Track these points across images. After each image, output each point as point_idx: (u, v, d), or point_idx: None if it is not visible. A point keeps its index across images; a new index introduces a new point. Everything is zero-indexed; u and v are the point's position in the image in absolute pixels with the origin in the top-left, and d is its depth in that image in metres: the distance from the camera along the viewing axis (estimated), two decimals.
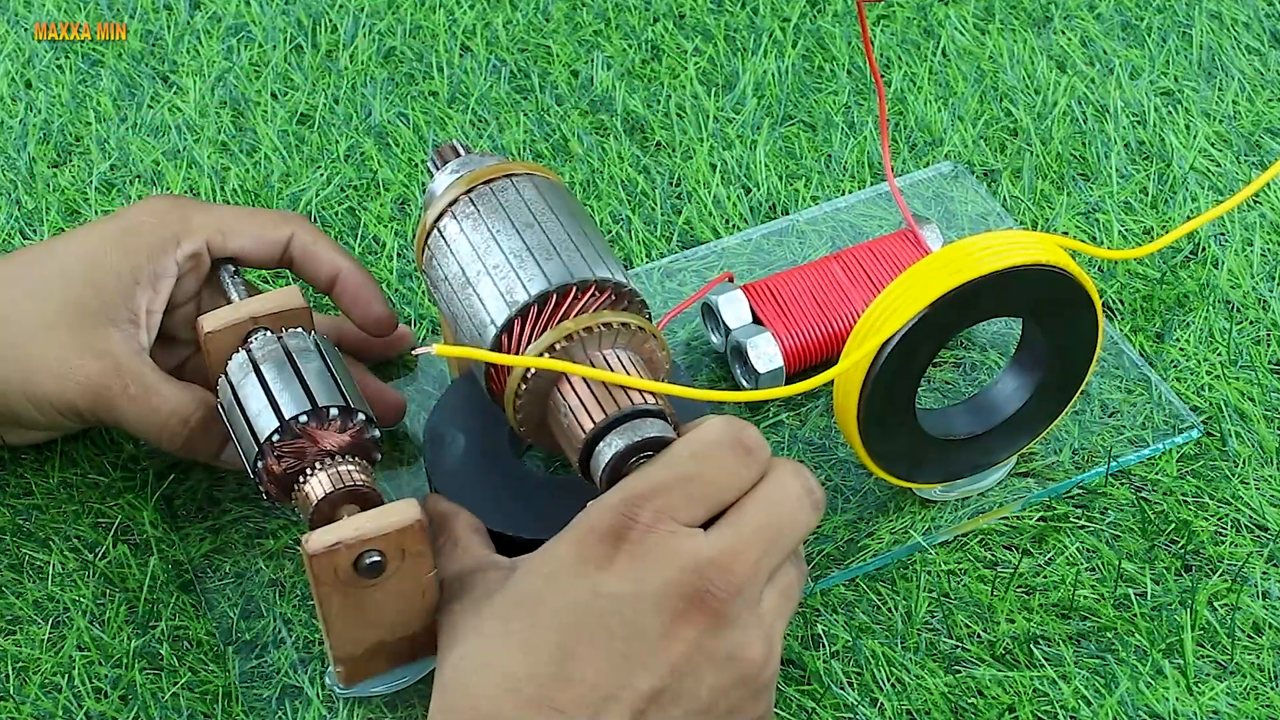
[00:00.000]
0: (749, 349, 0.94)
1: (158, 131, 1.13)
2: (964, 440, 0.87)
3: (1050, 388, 0.88)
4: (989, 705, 0.82)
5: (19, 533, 0.91)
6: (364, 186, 1.09)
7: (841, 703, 0.82)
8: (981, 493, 0.90)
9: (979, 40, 1.16)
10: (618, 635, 0.71)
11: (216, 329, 0.85)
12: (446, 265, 0.83)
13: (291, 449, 0.81)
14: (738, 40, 1.17)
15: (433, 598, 0.79)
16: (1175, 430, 0.92)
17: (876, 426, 0.84)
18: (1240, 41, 1.15)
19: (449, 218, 0.84)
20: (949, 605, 0.86)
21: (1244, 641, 0.84)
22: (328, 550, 0.75)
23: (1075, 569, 0.87)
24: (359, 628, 0.78)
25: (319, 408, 0.81)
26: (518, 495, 0.87)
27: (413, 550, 0.77)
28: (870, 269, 0.97)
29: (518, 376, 0.79)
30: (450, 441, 0.89)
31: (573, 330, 0.79)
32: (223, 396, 0.85)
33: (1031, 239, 0.82)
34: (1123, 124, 1.10)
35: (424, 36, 1.19)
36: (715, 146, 1.10)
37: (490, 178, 0.84)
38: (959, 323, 0.82)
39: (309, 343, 0.85)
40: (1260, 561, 0.87)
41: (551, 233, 0.82)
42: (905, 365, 0.82)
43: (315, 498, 0.79)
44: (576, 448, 0.78)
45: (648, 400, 0.78)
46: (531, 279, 0.80)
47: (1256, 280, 1.00)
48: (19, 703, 0.84)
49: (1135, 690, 0.82)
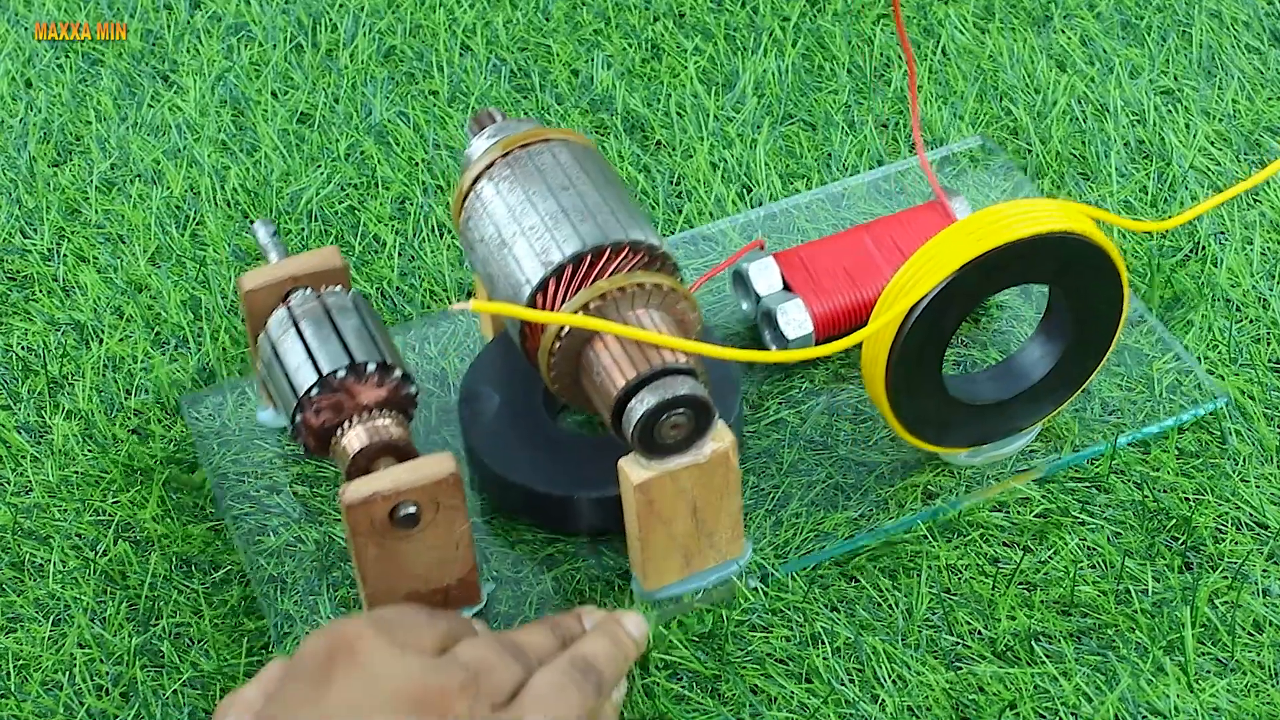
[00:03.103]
0: (779, 314, 0.95)
1: (158, 131, 1.13)
2: (990, 406, 0.89)
3: (1075, 355, 0.89)
4: (990, 702, 0.82)
5: (19, 531, 0.91)
6: (364, 185, 1.09)
7: (843, 699, 0.82)
8: (1004, 460, 0.91)
9: (979, 39, 1.16)
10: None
11: (256, 287, 0.87)
12: (483, 227, 0.85)
13: (329, 403, 0.83)
14: (737, 39, 1.17)
15: (466, 550, 0.81)
16: (1199, 401, 0.93)
17: (904, 390, 0.85)
18: (1240, 40, 1.15)
19: (486, 180, 0.86)
20: (950, 602, 0.86)
21: (1244, 639, 0.84)
22: (365, 501, 0.78)
23: (1076, 566, 0.87)
24: (393, 579, 0.81)
25: (357, 363, 0.83)
26: (551, 454, 0.89)
27: (447, 503, 0.79)
28: (899, 240, 0.98)
29: (552, 334, 0.81)
30: (485, 401, 0.91)
31: (606, 290, 0.80)
32: (262, 352, 0.87)
33: (1058, 207, 0.84)
34: (1122, 123, 1.10)
35: (424, 36, 1.19)
36: (715, 145, 1.10)
37: (526, 142, 0.86)
38: (986, 288, 0.84)
39: (347, 301, 0.87)
40: (1260, 559, 0.87)
41: (586, 196, 0.83)
42: (933, 329, 0.84)
43: (352, 451, 0.82)
44: (609, 404, 0.80)
45: (679, 359, 0.79)
46: (566, 240, 0.81)
47: (1256, 279, 1.00)
48: (20, 700, 0.84)
49: (1136, 687, 0.82)
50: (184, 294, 1.02)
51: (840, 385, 0.95)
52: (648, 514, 0.82)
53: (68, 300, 1.03)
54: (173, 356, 0.99)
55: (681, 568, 0.85)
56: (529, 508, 0.89)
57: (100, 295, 1.03)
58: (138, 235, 1.06)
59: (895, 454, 0.92)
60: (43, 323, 1.01)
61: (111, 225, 1.07)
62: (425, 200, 1.07)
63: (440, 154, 1.10)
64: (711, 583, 0.86)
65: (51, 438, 0.95)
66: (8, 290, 1.04)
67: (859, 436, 0.93)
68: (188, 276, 1.03)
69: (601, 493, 0.87)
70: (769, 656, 0.84)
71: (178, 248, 1.05)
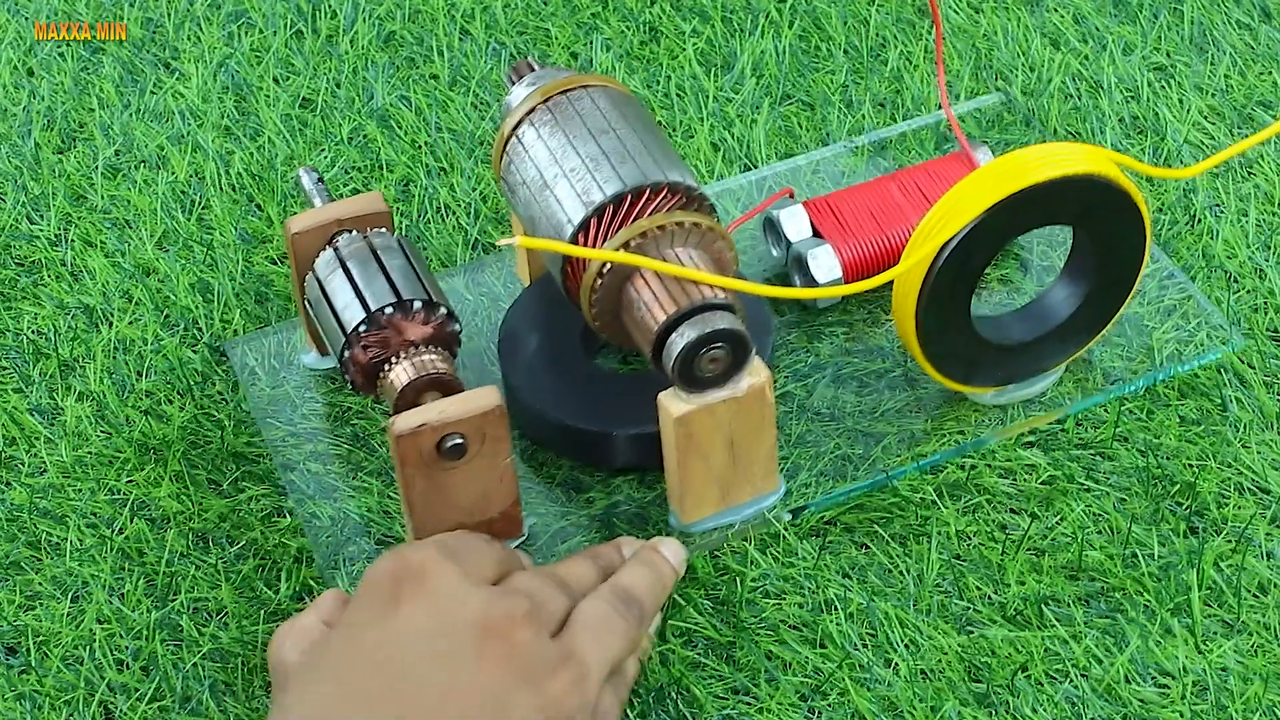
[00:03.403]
0: (809, 259, 0.97)
1: (161, 117, 1.14)
2: (1016, 346, 0.91)
3: (1099, 297, 0.92)
4: (1002, 664, 0.83)
5: (36, 511, 0.91)
6: (368, 169, 1.10)
7: (857, 663, 0.83)
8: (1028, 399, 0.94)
9: (973, 19, 1.18)
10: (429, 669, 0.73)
11: (303, 230, 0.90)
12: (524, 170, 0.87)
13: (377, 339, 0.85)
14: (734, 21, 1.18)
15: (510, 483, 0.84)
16: (1218, 341, 0.96)
17: (934, 328, 0.88)
18: (1230, 16, 1.16)
19: (527, 125, 0.88)
20: (960, 568, 0.87)
21: (1249, 601, 0.85)
22: (413, 431, 0.80)
23: (1083, 531, 0.88)
24: (440, 510, 0.83)
25: (403, 300, 0.85)
26: (588, 391, 0.91)
27: (493, 434, 0.82)
28: (925, 188, 1.00)
29: (594, 272, 0.83)
30: (523, 342, 0.94)
31: (647, 228, 0.83)
32: (310, 292, 0.89)
33: (1083, 151, 0.86)
34: (1116, 99, 1.11)
35: (423, 20, 1.20)
36: (716, 126, 1.11)
37: (566, 88, 0.88)
38: (1013, 229, 0.87)
39: (393, 241, 0.89)
40: (1264, 523, 0.88)
41: (625, 139, 0.86)
42: (962, 269, 0.86)
43: (400, 384, 0.84)
44: (650, 339, 0.82)
45: (718, 295, 0.82)
46: (607, 181, 0.84)
47: (1253, 249, 1.01)
48: (41, 675, 0.85)
49: (1145, 649, 0.83)
50: (192, 277, 1.03)
51: (846, 359, 0.96)
52: (687, 447, 0.84)
53: (76, 284, 1.04)
54: (183, 339, 1.00)
55: (718, 501, 0.88)
56: (567, 444, 0.91)
57: (108, 279, 1.03)
58: (144, 220, 1.07)
59: (902, 425, 0.93)
60: (52, 307, 1.02)
61: (117, 210, 1.08)
62: (429, 182, 1.08)
63: (443, 137, 1.11)
64: (747, 517, 0.89)
65: (64, 419, 0.96)
66: (16, 275, 1.05)
67: (865, 409, 0.94)
68: (195, 260, 1.04)
69: (638, 429, 0.89)
70: (783, 623, 0.85)
71: (184, 232, 1.06)
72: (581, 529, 0.89)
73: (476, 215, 1.06)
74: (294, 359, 0.98)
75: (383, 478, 0.92)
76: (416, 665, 0.72)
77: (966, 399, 0.93)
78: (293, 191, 1.08)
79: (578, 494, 0.91)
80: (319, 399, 0.96)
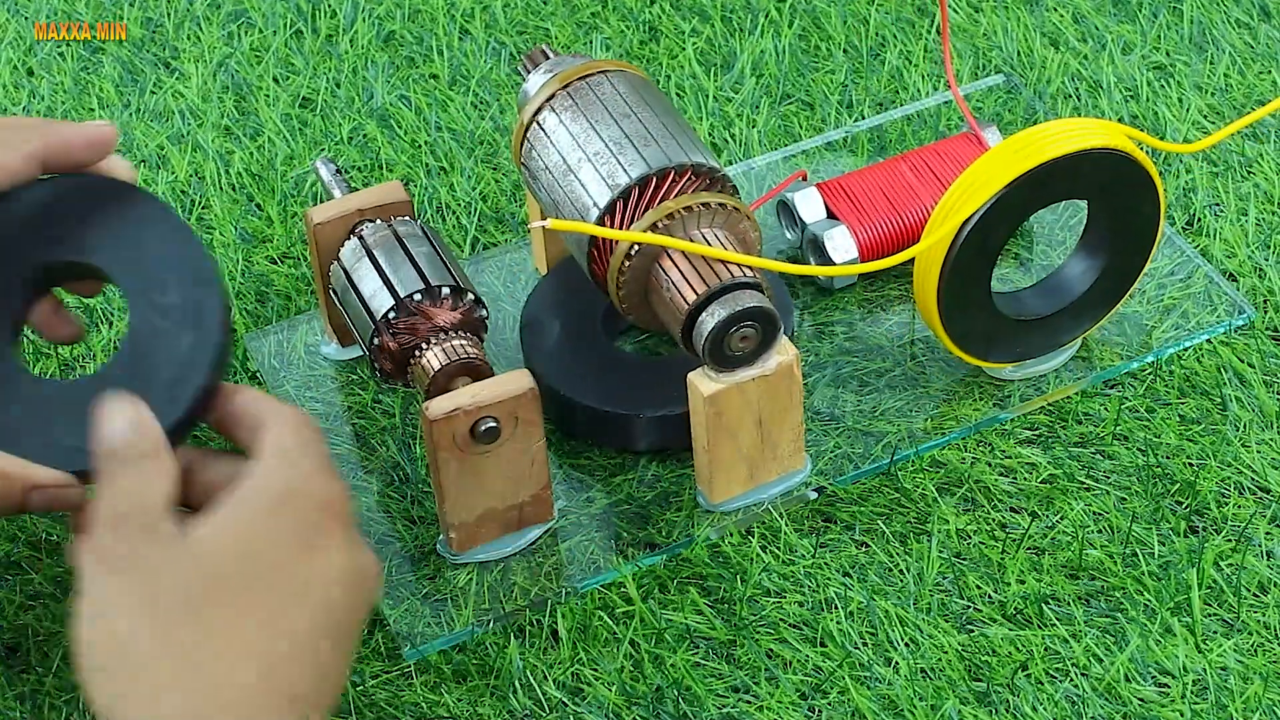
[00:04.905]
0: (826, 241, 0.98)
1: (161, 117, 1.14)
2: (1034, 320, 0.92)
3: (1114, 271, 0.93)
4: (1002, 663, 0.83)
5: None
6: (368, 168, 1.10)
7: (857, 661, 0.83)
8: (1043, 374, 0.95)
9: (973, 18, 1.18)
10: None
11: (324, 220, 0.91)
12: (547, 155, 0.88)
13: (407, 326, 0.86)
14: (734, 20, 1.18)
15: (541, 466, 0.85)
16: (1229, 315, 0.97)
17: (955, 305, 0.89)
18: (1230, 15, 1.16)
19: (548, 111, 0.89)
20: (960, 566, 0.87)
21: (1249, 600, 0.85)
22: (447, 416, 0.82)
23: (1083, 530, 0.88)
24: (472, 493, 0.84)
25: (432, 286, 0.86)
26: (610, 374, 0.92)
27: (525, 418, 0.83)
28: (937, 168, 1.01)
29: (621, 254, 0.84)
30: (545, 328, 0.94)
31: (673, 209, 0.84)
32: (335, 282, 0.90)
33: (1099, 125, 0.88)
34: (1116, 99, 1.11)
35: (423, 20, 1.20)
36: (716, 125, 1.11)
37: (585, 73, 0.89)
38: (1032, 204, 0.88)
39: (417, 229, 0.90)
40: (1263, 523, 0.88)
41: (647, 122, 0.87)
42: (982, 245, 0.88)
43: (432, 369, 0.85)
44: (679, 319, 0.83)
45: (745, 274, 0.83)
46: (632, 164, 0.85)
47: (1252, 249, 1.01)
48: (41, 675, 0.85)
49: (1145, 647, 0.83)
50: None
51: (846, 359, 0.96)
52: (716, 426, 0.85)
53: None
54: None
55: (746, 480, 0.89)
56: (592, 427, 0.92)
57: None
58: None
59: (902, 425, 0.93)
60: None
61: None
62: (429, 182, 1.08)
63: (443, 136, 1.11)
64: (774, 494, 0.90)
65: None
66: None
67: (865, 409, 0.94)
68: None
69: (663, 411, 0.90)
70: (783, 621, 0.85)
71: None
72: (605, 511, 0.90)
73: (476, 214, 1.06)
74: (294, 358, 0.98)
75: (383, 477, 0.92)
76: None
77: (966, 398, 0.94)
78: (293, 191, 1.08)
79: (602, 477, 0.92)
80: (319, 398, 0.96)
